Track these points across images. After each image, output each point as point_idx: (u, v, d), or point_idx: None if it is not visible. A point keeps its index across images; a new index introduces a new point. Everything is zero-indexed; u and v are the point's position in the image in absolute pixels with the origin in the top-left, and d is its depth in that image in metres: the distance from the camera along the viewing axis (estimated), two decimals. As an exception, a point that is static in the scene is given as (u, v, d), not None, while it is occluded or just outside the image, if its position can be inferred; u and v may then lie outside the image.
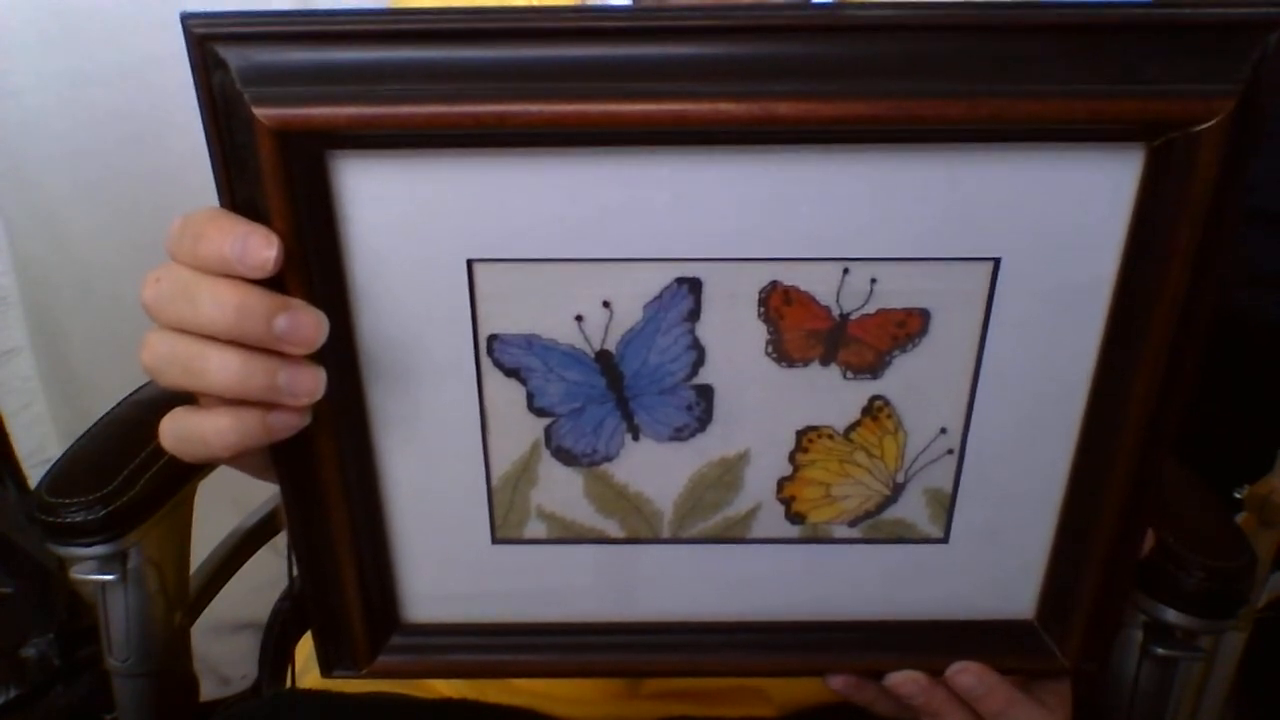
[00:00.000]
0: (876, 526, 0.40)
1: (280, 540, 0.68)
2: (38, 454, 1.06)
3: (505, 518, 0.40)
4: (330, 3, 0.94)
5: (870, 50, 0.30)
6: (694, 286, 0.35)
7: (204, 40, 0.30)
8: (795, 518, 0.40)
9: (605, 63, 0.30)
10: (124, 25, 0.91)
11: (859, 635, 0.42)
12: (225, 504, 0.75)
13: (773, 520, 0.40)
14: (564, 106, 0.30)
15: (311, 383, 0.33)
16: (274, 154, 0.31)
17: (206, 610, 0.68)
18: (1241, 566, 0.51)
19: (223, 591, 0.70)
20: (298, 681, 0.57)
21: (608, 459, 0.39)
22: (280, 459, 0.36)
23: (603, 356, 0.37)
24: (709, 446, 0.38)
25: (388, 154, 0.32)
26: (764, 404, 0.37)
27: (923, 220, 0.34)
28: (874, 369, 0.37)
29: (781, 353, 0.36)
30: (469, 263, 0.34)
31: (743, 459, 0.39)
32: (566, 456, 0.39)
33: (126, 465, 0.58)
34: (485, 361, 0.37)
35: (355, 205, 0.33)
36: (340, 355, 0.35)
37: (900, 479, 0.39)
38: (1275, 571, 0.86)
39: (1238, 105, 0.30)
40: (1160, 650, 0.52)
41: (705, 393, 0.37)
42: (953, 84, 0.30)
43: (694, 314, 0.36)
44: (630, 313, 0.36)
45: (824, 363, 0.37)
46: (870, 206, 0.33)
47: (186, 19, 0.29)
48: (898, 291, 0.35)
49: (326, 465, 0.36)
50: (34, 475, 1.06)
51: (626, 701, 0.55)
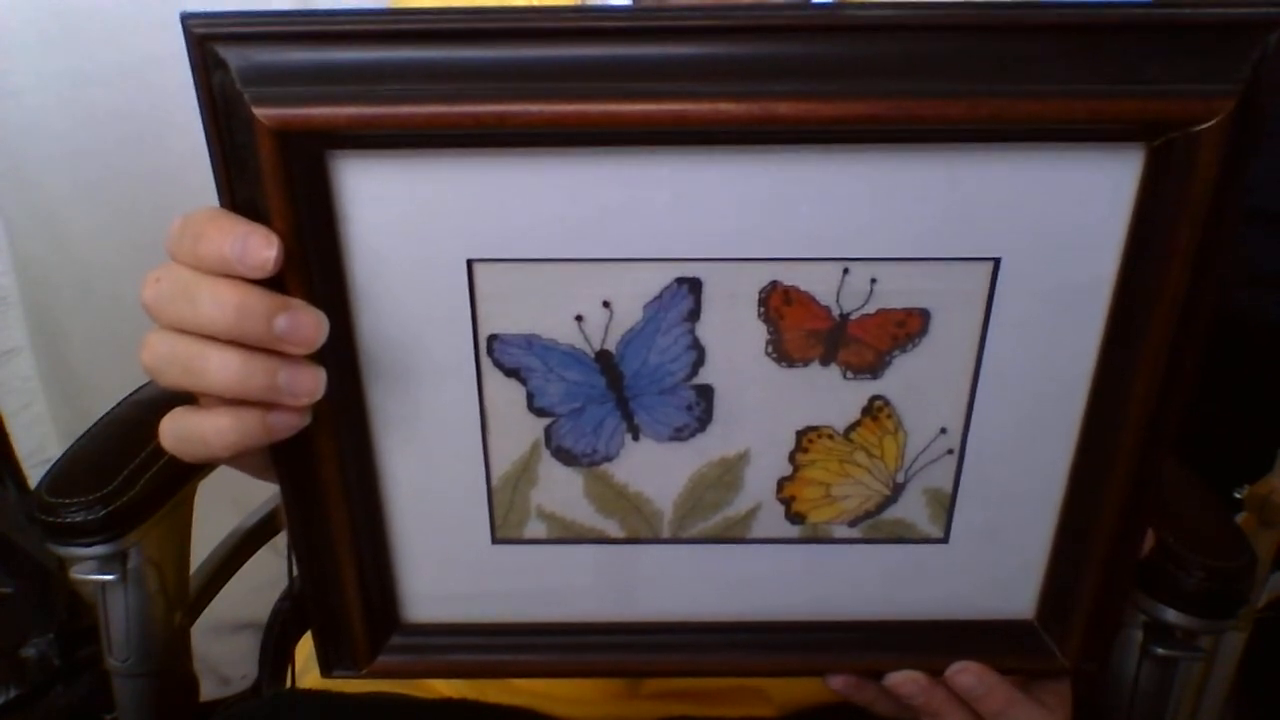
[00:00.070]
0: (876, 526, 0.40)
1: (280, 540, 0.68)
2: (38, 454, 1.06)
3: (505, 518, 0.40)
4: (330, 3, 0.94)
5: (870, 50, 0.30)
6: (694, 286, 0.35)
7: (204, 40, 0.30)
8: (795, 518, 0.40)
9: (605, 63, 0.30)
10: (124, 25, 0.91)
11: (859, 635, 0.42)
12: (225, 504, 0.75)
13: (773, 520, 0.40)
14: (564, 106, 0.30)
15: (311, 382, 0.33)
16: (274, 154, 0.31)
17: (206, 610, 0.68)
18: (1241, 566, 0.51)
19: (223, 591, 0.70)
20: (298, 681, 0.57)
21: (608, 459, 0.39)
22: (280, 459, 0.36)
23: (603, 356, 0.37)
24: (709, 446, 0.38)
25: (388, 154, 0.32)
26: (764, 404, 0.37)
27: (923, 220, 0.34)
28: (874, 369, 0.37)
29: (781, 353, 0.36)
30: (469, 263, 0.34)
31: (743, 459, 0.39)
32: (566, 456, 0.39)
33: (126, 465, 0.58)
34: (485, 361, 0.37)
35: (355, 205, 0.33)
36: (340, 355, 0.35)
37: (900, 479, 0.39)
38: (1275, 571, 0.86)
39: (1237, 105, 0.30)
40: (1160, 650, 0.52)
41: (705, 393, 0.37)
42: (953, 84, 0.30)
43: (694, 314, 0.36)
44: (630, 313, 0.36)
45: (824, 363, 0.37)
46: (870, 206, 0.33)
47: (186, 19, 0.29)
48: (898, 291, 0.35)
49: (326, 465, 0.36)
50: (34, 475, 1.06)
51: (626, 701, 0.55)
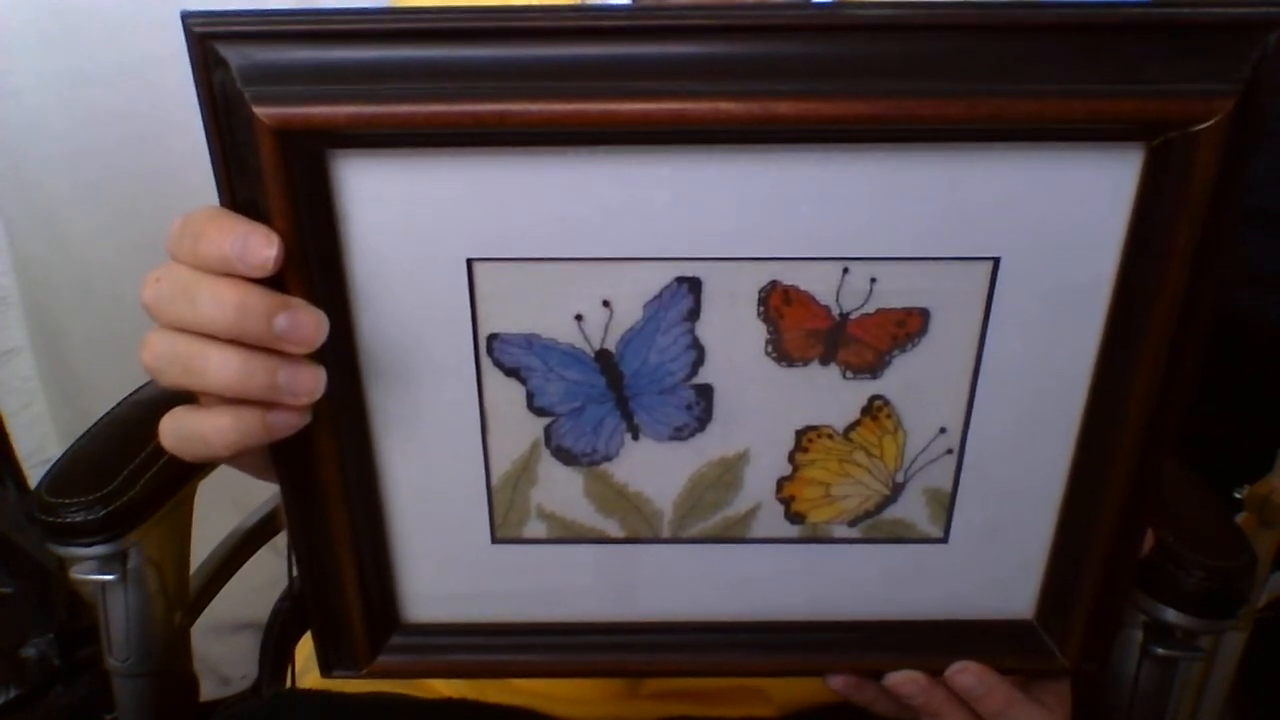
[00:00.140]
0: (876, 526, 0.40)
1: (280, 540, 0.68)
2: (38, 454, 1.06)
3: (505, 517, 0.40)
4: (331, 2, 0.94)
5: (870, 50, 0.30)
6: (694, 286, 0.35)
7: (204, 39, 0.30)
8: (795, 517, 0.40)
9: (605, 62, 0.30)
10: (124, 25, 0.91)
11: (859, 635, 0.42)
12: (225, 504, 0.75)
13: (772, 520, 0.40)
14: (564, 106, 0.30)
15: (311, 382, 0.33)
16: (274, 153, 0.31)
17: (206, 610, 0.68)
18: (1241, 566, 0.51)
19: (223, 591, 0.70)
20: (298, 681, 0.57)
21: (607, 458, 0.39)
22: (280, 458, 0.36)
23: (602, 356, 0.37)
24: (709, 446, 0.38)
25: (388, 153, 0.32)
26: (764, 403, 0.37)
27: (922, 220, 0.34)
28: (874, 368, 0.37)
29: (781, 352, 0.36)
30: (469, 262, 0.34)
31: (742, 459, 0.39)
32: (566, 456, 0.39)
33: (126, 465, 0.58)
34: (485, 361, 0.37)
35: (355, 204, 0.33)
36: (340, 354, 0.35)
37: (900, 479, 0.39)
38: (1275, 571, 0.85)
39: (1237, 105, 0.30)
40: (1160, 650, 0.52)
41: (705, 392, 0.37)
42: (952, 84, 0.30)
43: (694, 313, 0.36)
44: (630, 312, 0.36)
45: (824, 362, 0.37)
46: (870, 206, 0.33)
47: (187, 18, 0.29)
48: (897, 291, 0.35)
49: (326, 464, 0.36)
50: (34, 475, 1.06)
51: (626, 701, 0.55)
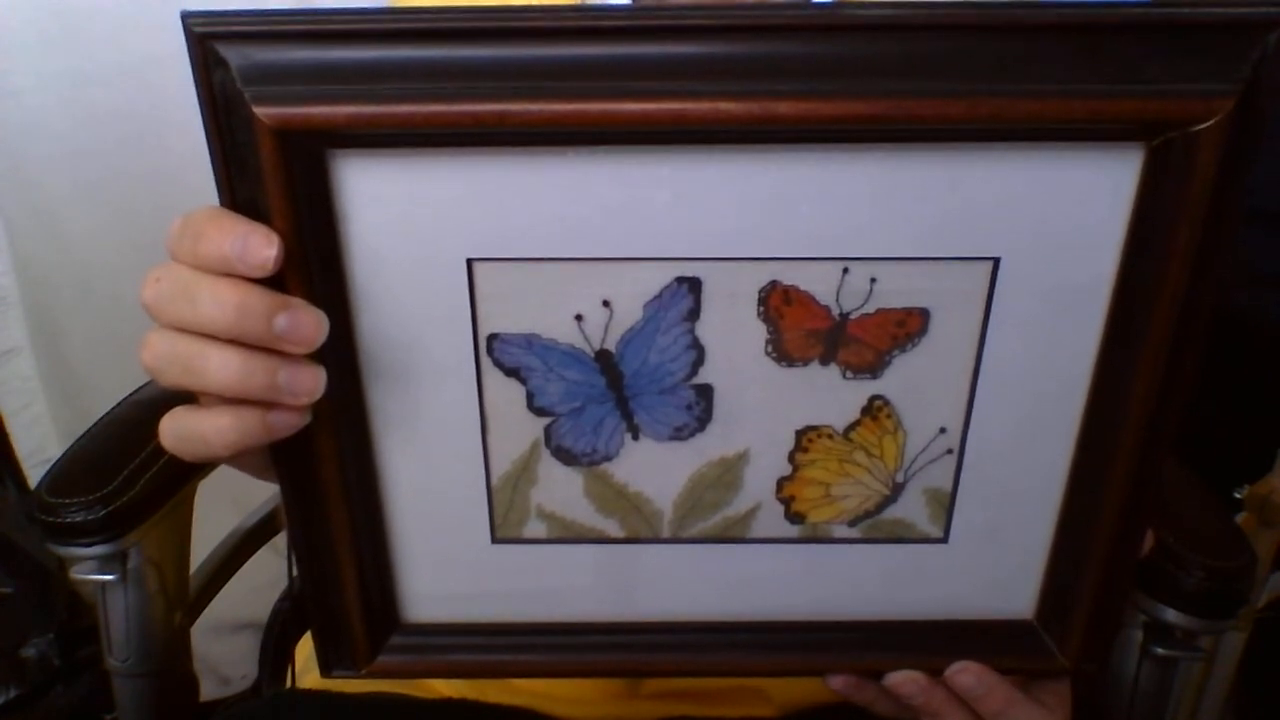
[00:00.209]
0: (876, 526, 0.40)
1: (280, 540, 0.68)
2: (38, 454, 1.06)
3: (505, 517, 0.40)
4: (331, 2, 0.94)
5: (870, 50, 0.30)
6: (694, 286, 0.35)
7: (204, 39, 0.30)
8: (795, 517, 0.40)
9: (605, 62, 0.30)
10: (124, 25, 0.91)
11: (858, 635, 0.42)
12: (225, 504, 0.75)
13: (772, 520, 0.40)
14: (564, 106, 0.30)
15: (311, 382, 0.33)
16: (274, 153, 0.31)
17: (206, 610, 0.68)
18: (1241, 566, 0.51)
19: (223, 591, 0.70)
20: (298, 681, 0.57)
21: (607, 458, 0.39)
22: (280, 458, 0.36)
23: (602, 356, 0.37)
24: (708, 446, 0.38)
25: (388, 153, 0.32)
26: (764, 404, 0.37)
27: (922, 220, 0.34)
28: (874, 369, 0.37)
29: (781, 352, 0.36)
30: (469, 262, 0.34)
31: (742, 459, 0.39)
32: (566, 456, 0.39)
33: (126, 465, 0.58)
34: (485, 361, 0.37)
35: (355, 204, 0.33)
36: (340, 354, 0.35)
37: (900, 479, 0.39)
38: (1275, 571, 0.85)
39: (1237, 105, 0.30)
40: (1160, 650, 0.52)
41: (705, 392, 0.37)
42: (952, 84, 0.30)
43: (694, 313, 0.36)
44: (630, 312, 0.36)
45: (824, 362, 0.37)
46: (870, 206, 0.33)
47: (187, 18, 0.29)
48: (897, 291, 0.35)
49: (326, 465, 0.36)
50: (34, 475, 1.06)
51: (626, 701, 0.55)
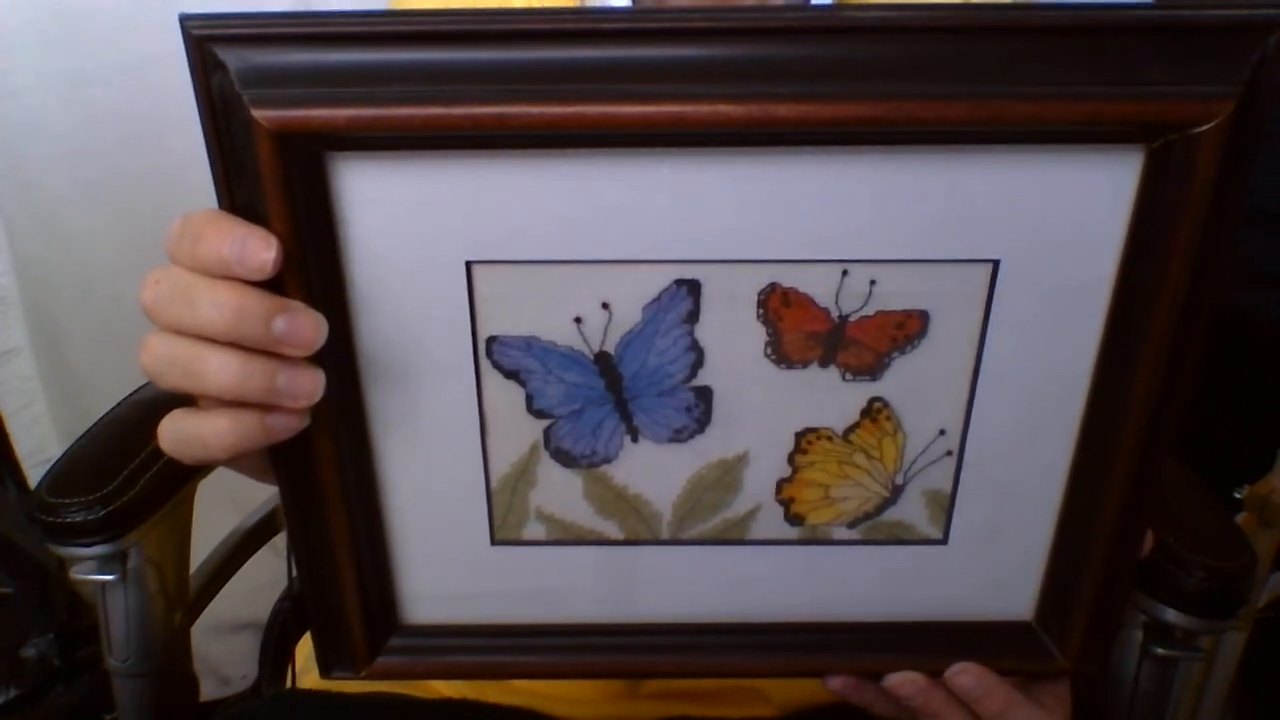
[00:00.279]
0: (875, 528, 0.40)
1: (280, 540, 0.68)
2: (38, 454, 1.06)
3: (504, 519, 0.40)
4: (329, 4, 0.94)
5: (869, 52, 0.30)
6: (693, 288, 0.35)
7: (203, 42, 0.30)
8: (794, 519, 0.40)
9: (604, 64, 0.30)
10: (124, 25, 0.91)
11: (858, 636, 0.42)
12: (225, 504, 0.75)
13: (772, 522, 0.40)
14: (563, 108, 0.30)
15: (310, 385, 0.32)
16: (273, 156, 0.31)
17: (206, 610, 0.68)
18: (1241, 566, 0.51)
19: (223, 591, 0.70)
20: (298, 681, 0.57)
21: (607, 461, 0.39)
22: (279, 461, 0.36)
23: (602, 358, 0.37)
24: (708, 448, 0.38)
25: (387, 156, 0.32)
26: (763, 406, 0.37)
27: (922, 222, 0.34)
28: (873, 371, 0.37)
29: (780, 354, 0.36)
30: (468, 264, 0.34)
31: (742, 460, 0.39)
32: (565, 458, 0.39)
33: (126, 465, 0.58)
34: (484, 363, 0.36)
35: (354, 207, 0.33)
36: (339, 357, 0.35)
37: (899, 481, 0.39)
38: (1275, 571, 0.86)
39: (1237, 107, 0.30)
40: (1160, 650, 0.52)
41: (704, 394, 0.37)
42: (952, 86, 0.30)
43: (693, 315, 0.36)
44: (629, 314, 0.36)
45: (823, 364, 0.37)
46: (869, 208, 0.33)
47: (185, 21, 0.29)
48: (897, 293, 0.35)
49: (326, 467, 0.36)
50: (34, 475, 1.06)
51: (626, 702, 0.55)
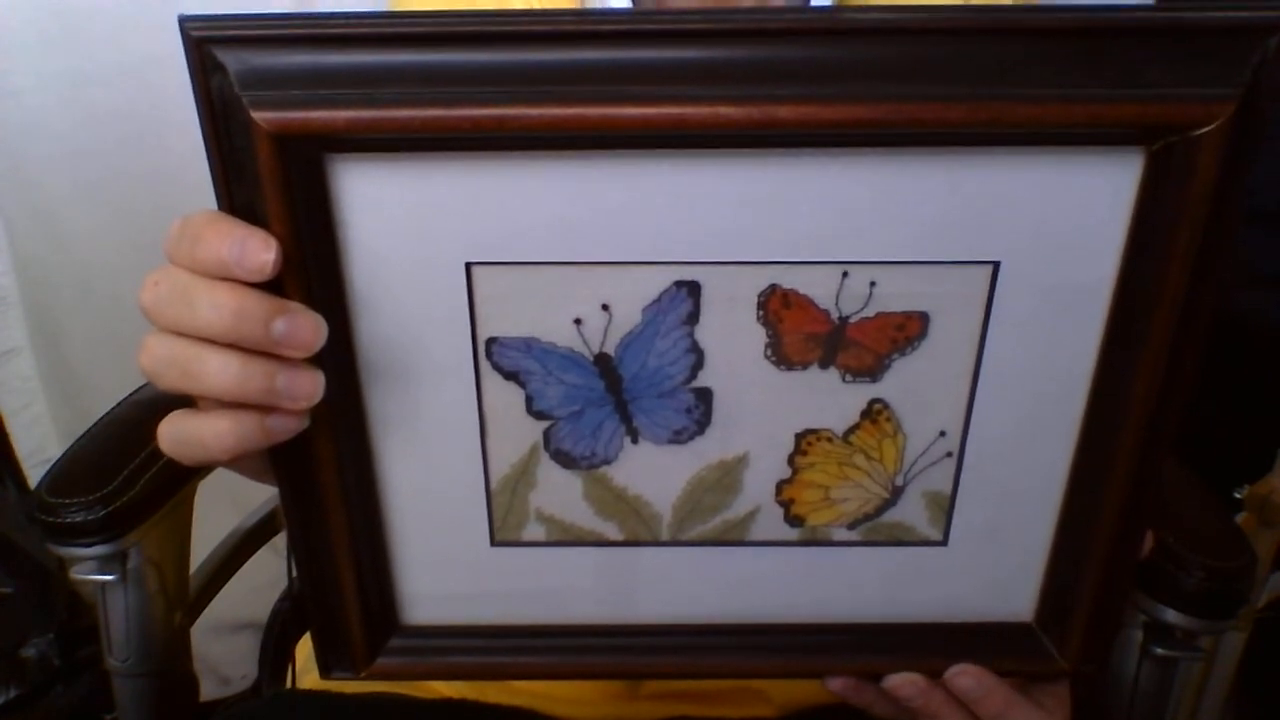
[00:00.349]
0: (875, 529, 0.40)
1: (280, 540, 0.68)
2: (38, 454, 1.06)
3: (504, 520, 0.40)
4: (329, 6, 0.94)
5: (870, 54, 0.30)
6: (693, 289, 0.35)
7: (202, 43, 0.29)
8: (794, 520, 0.40)
9: (604, 66, 0.30)
10: (124, 25, 0.91)
11: (858, 637, 0.42)
12: (225, 504, 0.75)
13: (772, 523, 0.40)
14: (563, 110, 0.30)
15: (310, 386, 0.32)
16: (272, 157, 0.30)
17: (206, 610, 0.68)
18: (1241, 566, 0.51)
19: (223, 591, 0.70)
20: (298, 681, 0.57)
21: (606, 462, 0.39)
22: (279, 461, 0.36)
23: (601, 359, 0.37)
24: (708, 449, 0.38)
25: (386, 157, 0.32)
26: (763, 407, 0.37)
27: (922, 223, 0.34)
28: (873, 372, 0.37)
29: (780, 356, 0.36)
30: (468, 265, 0.34)
31: (741, 462, 0.39)
32: (565, 459, 0.39)
33: (126, 465, 0.58)
34: (484, 364, 0.36)
35: (354, 209, 0.33)
36: (339, 358, 0.35)
37: (899, 482, 0.39)
38: (1275, 571, 0.86)
39: (1237, 109, 0.30)
40: (1160, 650, 0.52)
41: (704, 396, 0.37)
42: (952, 88, 0.30)
43: (693, 317, 0.36)
44: (629, 316, 0.36)
45: (823, 366, 0.37)
46: (870, 209, 0.33)
47: (184, 22, 0.29)
48: (897, 294, 0.35)
49: (325, 468, 0.36)
50: (34, 475, 1.06)
51: (626, 702, 0.55)
